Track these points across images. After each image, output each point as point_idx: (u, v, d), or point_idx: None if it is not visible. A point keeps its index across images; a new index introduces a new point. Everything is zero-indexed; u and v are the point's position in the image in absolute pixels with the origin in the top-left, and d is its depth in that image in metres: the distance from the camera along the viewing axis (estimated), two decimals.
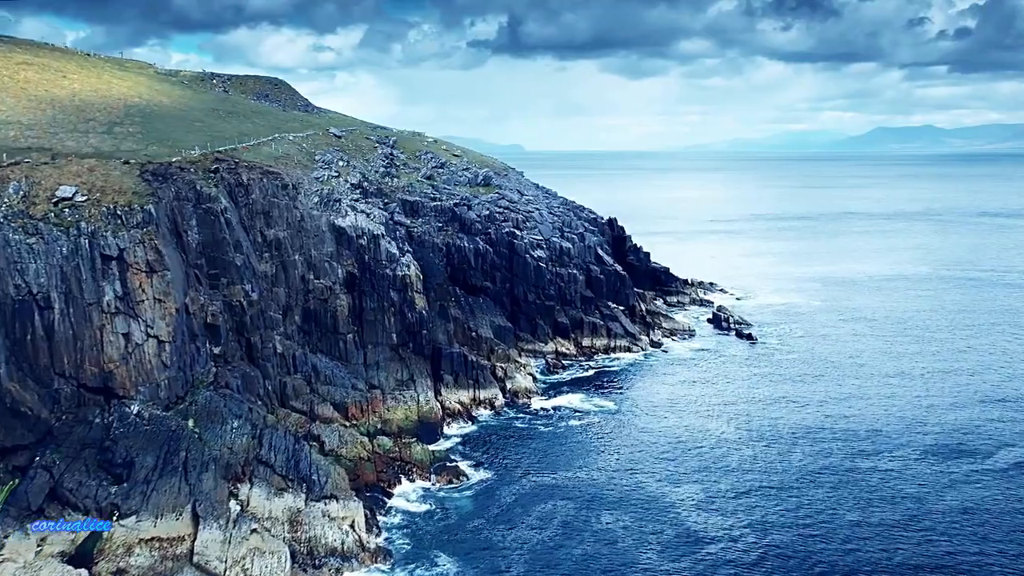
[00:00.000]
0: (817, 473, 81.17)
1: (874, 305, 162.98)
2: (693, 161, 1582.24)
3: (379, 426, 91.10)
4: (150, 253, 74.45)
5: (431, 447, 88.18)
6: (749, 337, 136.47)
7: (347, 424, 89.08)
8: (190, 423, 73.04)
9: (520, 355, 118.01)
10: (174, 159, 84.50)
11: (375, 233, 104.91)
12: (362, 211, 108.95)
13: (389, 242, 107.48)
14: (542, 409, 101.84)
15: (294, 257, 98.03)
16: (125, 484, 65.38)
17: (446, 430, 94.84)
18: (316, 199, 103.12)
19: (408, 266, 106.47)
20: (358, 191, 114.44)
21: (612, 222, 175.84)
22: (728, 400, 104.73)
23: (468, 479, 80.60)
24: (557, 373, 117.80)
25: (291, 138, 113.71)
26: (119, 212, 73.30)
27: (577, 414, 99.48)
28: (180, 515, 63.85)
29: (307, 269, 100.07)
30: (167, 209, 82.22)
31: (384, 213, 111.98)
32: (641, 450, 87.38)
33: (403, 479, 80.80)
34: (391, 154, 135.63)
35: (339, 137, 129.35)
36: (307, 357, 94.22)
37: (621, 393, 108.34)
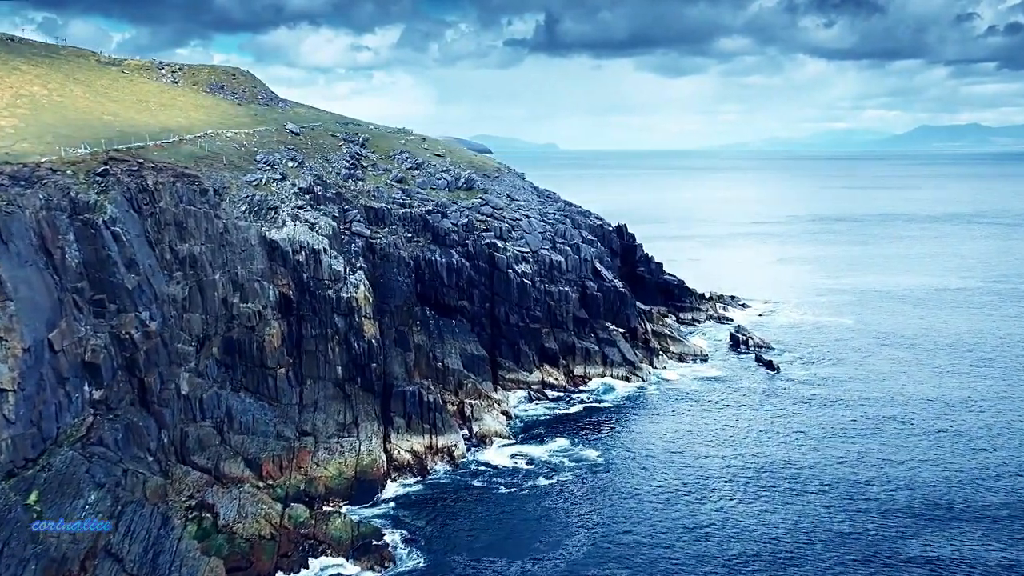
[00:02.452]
0: (848, 561, 63.18)
1: (917, 325, 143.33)
2: (731, 160, 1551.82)
3: (301, 486, 74.66)
4: None
5: (360, 516, 71.43)
6: (769, 365, 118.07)
7: (260, 485, 72.69)
8: (32, 498, 57.17)
9: (496, 389, 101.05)
10: (44, 159, 68.59)
11: (315, 247, 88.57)
12: (305, 220, 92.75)
13: (334, 257, 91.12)
14: (511, 461, 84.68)
15: (213, 276, 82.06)
16: None
17: (387, 489, 78.18)
18: (245, 207, 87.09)
19: (356, 286, 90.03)
20: (307, 196, 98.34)
21: (621, 229, 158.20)
22: (738, 450, 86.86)
23: (395, 565, 63.90)
24: (539, 409, 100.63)
25: (229, 135, 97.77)
26: None
27: (550, 469, 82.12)
28: None
29: (231, 290, 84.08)
30: (31, 221, 66.39)
31: (332, 223, 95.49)
32: (622, 524, 69.96)
33: (311, 563, 64.09)
34: (358, 153, 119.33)
35: (296, 134, 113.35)
36: (221, 399, 78.11)
37: (610, 438, 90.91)
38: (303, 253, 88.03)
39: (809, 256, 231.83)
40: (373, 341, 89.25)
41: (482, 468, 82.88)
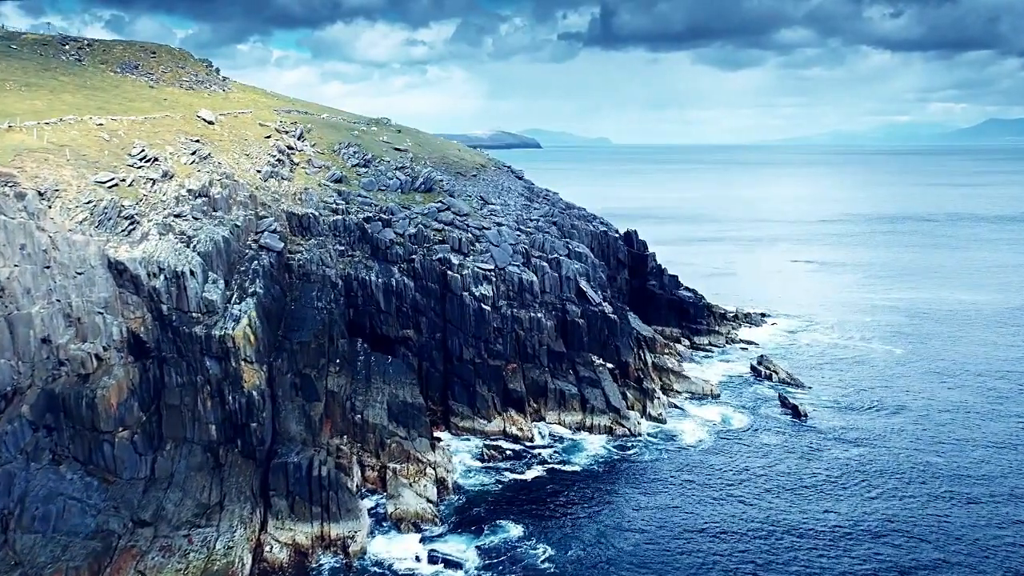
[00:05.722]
0: None
1: (987, 357, 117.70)
2: (787, 155, 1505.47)
3: None
4: None
5: None
6: (795, 411, 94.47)
7: None
8: None
9: (434, 448, 79.13)
10: None
11: (179, 269, 67.69)
12: (181, 233, 72.07)
13: (212, 282, 70.35)
14: (424, 562, 62.96)
15: (30, 309, 61.86)
16: None
17: None
18: (85, 215, 66.52)
19: (237, 319, 69.07)
20: (198, 200, 77.80)
21: (630, 236, 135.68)
22: (740, 546, 63.90)
23: None
24: (488, 475, 78.67)
25: (98, 122, 77.55)
26: None
27: None
28: None
29: (58, 327, 63.81)
30: None
31: (224, 235, 74.78)
32: None
33: None
34: (289, 147, 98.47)
35: (210, 123, 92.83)
36: (15, 481, 57.70)
37: (570, 524, 68.69)
38: (161, 277, 67.22)
39: (858, 261, 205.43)
40: (254, 393, 68.15)
41: (379, 572, 61.23)
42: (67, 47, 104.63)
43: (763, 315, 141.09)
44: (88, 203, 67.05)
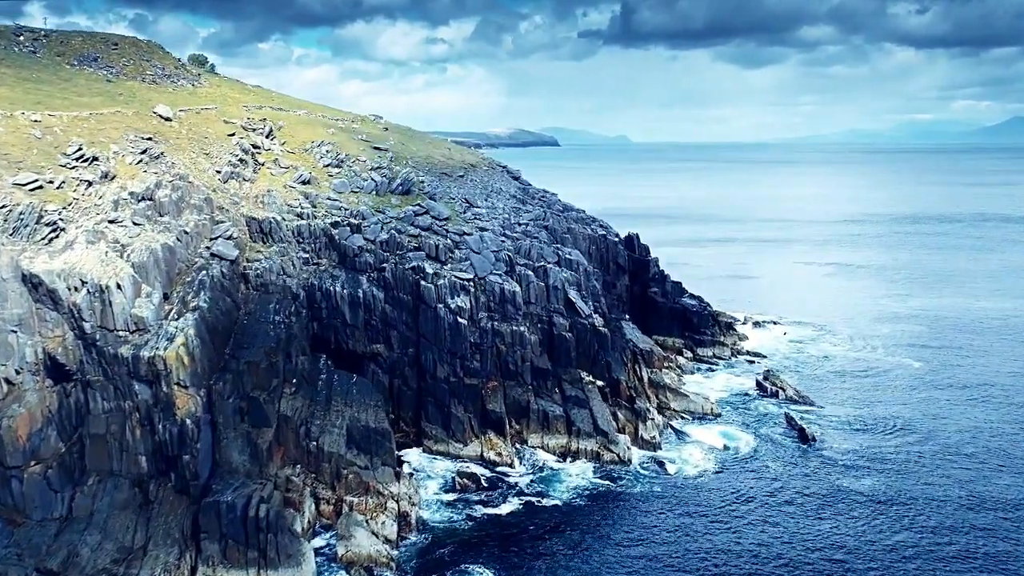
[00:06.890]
0: None
1: (1016, 373, 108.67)
2: (806, 153, 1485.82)
3: None
4: None
5: None
6: (802, 434, 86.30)
7: None
8: None
9: (398, 477, 71.50)
10: None
11: (104, 283, 60.45)
12: (114, 241, 64.92)
13: (145, 296, 63.13)
14: None
15: None
16: None
17: None
18: None
19: (171, 338, 61.79)
20: (141, 204, 70.53)
21: (632, 240, 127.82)
22: None
23: None
24: (458, 509, 71.01)
25: (34, 117, 70.69)
26: None
27: None
28: None
29: None
30: None
31: (167, 243, 67.57)
32: None
33: None
34: (254, 146, 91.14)
35: (167, 119, 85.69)
36: None
37: (543, 568, 61.03)
38: (84, 291, 60.03)
39: (876, 264, 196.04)
40: (188, 420, 60.83)
41: None
42: (21, 38, 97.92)
43: (773, 322, 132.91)
44: (1, 208, 59.94)
